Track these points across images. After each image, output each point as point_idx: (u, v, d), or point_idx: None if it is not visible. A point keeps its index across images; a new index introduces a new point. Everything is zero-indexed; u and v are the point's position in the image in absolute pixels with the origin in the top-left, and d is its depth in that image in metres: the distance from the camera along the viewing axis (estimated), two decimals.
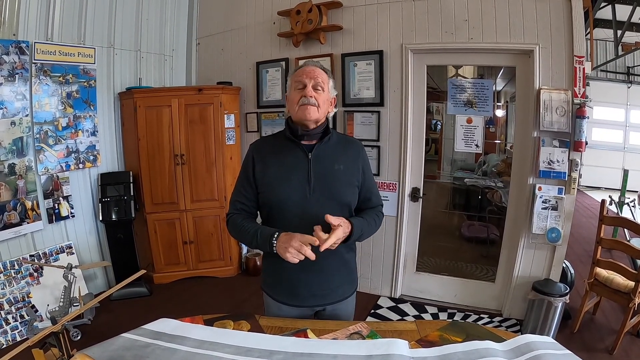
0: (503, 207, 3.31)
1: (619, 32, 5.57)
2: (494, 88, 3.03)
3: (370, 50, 3.22)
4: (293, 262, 1.27)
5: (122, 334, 1.21)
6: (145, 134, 3.47)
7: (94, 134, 3.37)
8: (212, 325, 1.33)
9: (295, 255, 1.26)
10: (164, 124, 3.48)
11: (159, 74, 3.96)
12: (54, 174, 3.11)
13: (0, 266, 2.75)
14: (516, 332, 1.78)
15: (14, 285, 2.79)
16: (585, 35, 3.13)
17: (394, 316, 3.15)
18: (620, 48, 5.92)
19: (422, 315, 3.16)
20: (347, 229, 1.35)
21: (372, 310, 3.21)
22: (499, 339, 1.25)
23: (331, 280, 1.50)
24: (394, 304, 3.31)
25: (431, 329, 1.35)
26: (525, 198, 2.88)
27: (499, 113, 3.48)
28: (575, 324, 2.82)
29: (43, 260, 2.99)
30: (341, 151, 1.49)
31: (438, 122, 3.83)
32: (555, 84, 2.72)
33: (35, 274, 2.91)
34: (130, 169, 3.61)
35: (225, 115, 3.63)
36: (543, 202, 2.79)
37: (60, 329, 1.05)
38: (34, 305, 2.82)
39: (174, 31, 4.06)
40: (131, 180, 3.48)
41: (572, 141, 2.70)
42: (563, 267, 2.94)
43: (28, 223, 2.93)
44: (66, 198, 3.20)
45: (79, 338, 2.72)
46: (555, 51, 2.69)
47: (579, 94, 2.67)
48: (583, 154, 2.75)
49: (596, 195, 7.81)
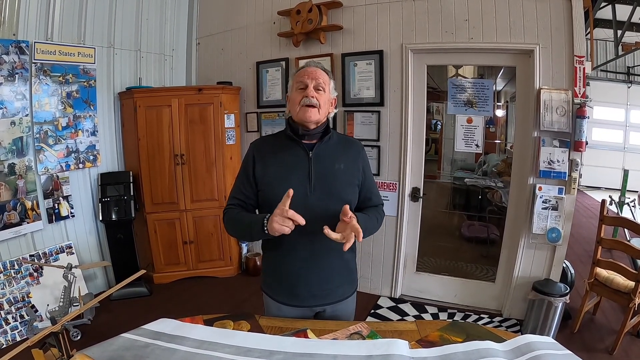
0: (503, 207, 3.30)
1: (619, 32, 5.57)
2: (494, 88, 3.03)
3: (371, 50, 3.22)
4: (285, 232, 1.24)
5: (122, 334, 1.21)
6: (145, 134, 3.46)
7: (93, 133, 3.37)
8: (212, 326, 1.32)
9: (282, 222, 1.23)
10: (164, 123, 3.48)
11: (159, 74, 3.96)
12: (54, 174, 3.11)
13: (0, 266, 2.75)
14: (516, 332, 1.78)
15: (13, 285, 2.79)
16: (586, 35, 3.13)
17: (394, 316, 3.14)
18: (620, 48, 5.92)
19: (422, 315, 3.16)
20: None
21: (372, 310, 3.21)
22: (499, 339, 1.24)
23: (331, 280, 1.50)
24: (394, 304, 3.31)
25: (431, 329, 1.35)
26: (526, 198, 2.88)
27: (499, 113, 3.48)
28: (575, 324, 2.82)
29: (43, 260, 2.99)
30: (341, 151, 1.50)
31: (438, 122, 3.83)
32: (555, 84, 2.72)
33: (35, 274, 2.91)
34: (130, 168, 3.61)
35: (225, 115, 3.63)
36: (543, 202, 2.79)
37: (60, 329, 1.04)
38: (33, 305, 2.82)
39: (174, 31, 4.06)
40: (131, 180, 3.48)
41: (573, 141, 2.70)
42: (563, 267, 2.94)
43: (28, 223, 2.93)
44: (66, 198, 3.19)
45: (79, 338, 2.72)
46: (556, 51, 2.69)
47: (579, 93, 2.67)
48: (583, 154, 2.74)
49: (596, 195, 7.81)
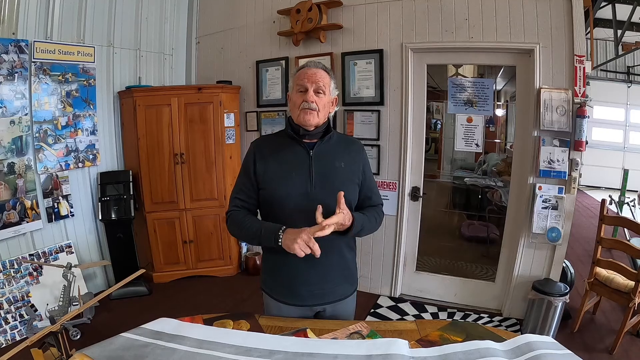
0: (503, 207, 3.30)
1: (619, 32, 5.56)
2: (494, 87, 3.03)
3: (371, 49, 3.22)
4: (299, 255, 1.26)
5: (122, 334, 1.21)
6: (145, 133, 3.46)
7: (93, 133, 3.37)
8: (212, 325, 1.32)
9: (303, 247, 1.26)
10: (164, 123, 3.48)
11: (158, 73, 3.96)
12: (54, 173, 3.10)
13: (0, 265, 2.75)
14: (516, 332, 1.78)
15: (13, 285, 2.78)
16: (586, 35, 3.13)
17: (394, 315, 3.14)
18: (620, 48, 5.92)
19: (422, 314, 3.16)
20: (349, 221, 1.35)
21: (372, 310, 3.21)
22: (499, 339, 1.24)
23: (331, 279, 1.50)
24: (394, 304, 3.31)
25: (431, 328, 1.35)
26: (526, 197, 2.88)
27: (499, 112, 3.48)
28: (575, 324, 2.82)
29: (42, 260, 2.99)
30: (342, 150, 1.51)
31: (438, 122, 3.83)
32: (555, 84, 2.72)
33: (34, 273, 2.91)
34: (130, 168, 3.60)
35: (225, 114, 3.62)
36: (543, 202, 2.78)
37: (59, 328, 1.04)
38: (33, 304, 2.82)
39: (174, 30, 4.06)
40: (131, 180, 3.48)
41: (573, 141, 2.70)
42: (563, 267, 2.94)
43: (27, 222, 2.92)
44: (66, 197, 3.19)
45: (78, 337, 2.71)
46: (556, 50, 2.69)
47: (580, 93, 2.66)
48: (583, 153, 2.74)
49: (596, 195, 7.81)
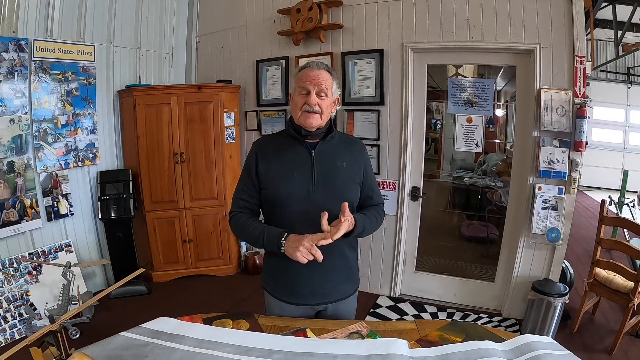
0: (503, 207, 3.30)
1: (620, 33, 5.56)
2: (494, 87, 3.03)
3: (371, 49, 3.21)
4: (302, 262, 1.28)
5: (121, 333, 1.21)
6: (145, 132, 3.46)
7: (93, 131, 3.37)
8: (211, 325, 1.32)
9: (306, 255, 1.28)
10: (164, 122, 3.48)
11: (158, 72, 3.95)
12: (53, 172, 3.10)
13: None
14: (515, 332, 1.78)
15: (12, 284, 2.78)
16: (586, 35, 3.13)
17: (393, 315, 3.14)
18: (620, 48, 5.91)
19: (422, 314, 3.16)
20: (352, 223, 1.36)
21: (371, 310, 3.21)
22: (498, 339, 1.24)
23: (333, 278, 1.51)
24: (393, 303, 3.31)
25: (431, 328, 1.35)
26: (525, 198, 2.88)
27: (499, 112, 3.48)
28: (574, 324, 2.82)
29: (42, 259, 2.98)
30: (344, 149, 1.51)
31: (438, 122, 3.82)
32: (555, 84, 2.72)
33: (34, 272, 2.91)
34: (130, 167, 3.60)
35: (225, 113, 3.62)
36: (543, 202, 2.78)
37: (59, 327, 1.04)
38: (32, 303, 2.82)
39: (174, 29, 4.05)
40: (130, 179, 3.48)
41: (573, 141, 2.70)
42: (562, 267, 2.94)
43: (27, 221, 2.92)
44: (65, 196, 3.19)
45: (78, 336, 2.71)
46: (556, 51, 2.69)
47: (580, 94, 2.66)
48: (583, 154, 2.74)
49: (596, 196, 7.82)
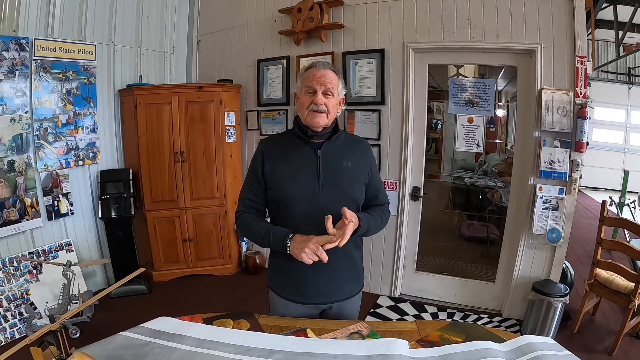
0: (503, 207, 3.30)
1: (621, 33, 5.56)
2: (495, 87, 3.03)
3: (372, 49, 3.21)
4: (307, 263, 1.30)
5: (121, 333, 1.20)
6: (146, 132, 3.46)
7: (93, 131, 3.36)
8: (212, 324, 1.32)
9: (311, 256, 1.29)
10: (164, 121, 3.47)
11: (159, 71, 3.95)
12: (54, 171, 3.10)
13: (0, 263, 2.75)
14: (516, 333, 1.77)
15: (12, 283, 2.78)
16: (587, 36, 3.12)
17: (394, 315, 3.14)
18: (621, 49, 5.91)
19: (422, 314, 3.16)
20: (357, 224, 1.36)
21: (372, 310, 3.20)
22: (499, 340, 1.24)
23: (338, 278, 1.51)
24: (394, 304, 3.31)
25: (431, 329, 1.35)
26: (526, 198, 2.88)
27: (500, 113, 3.48)
28: (574, 325, 2.82)
29: (42, 258, 2.98)
30: (349, 149, 1.52)
31: (439, 122, 3.82)
32: (556, 84, 2.71)
33: (34, 271, 2.91)
34: (130, 166, 3.60)
35: (225, 113, 3.62)
36: (544, 203, 2.78)
37: (59, 327, 1.04)
38: (32, 302, 2.82)
39: (175, 28, 4.05)
40: (131, 178, 3.48)
41: (574, 141, 2.70)
42: (563, 268, 2.94)
43: (27, 220, 2.92)
44: (66, 195, 3.19)
45: (78, 336, 2.71)
46: (557, 51, 2.69)
47: (581, 94, 2.66)
48: (584, 154, 2.74)
49: (596, 196, 7.81)
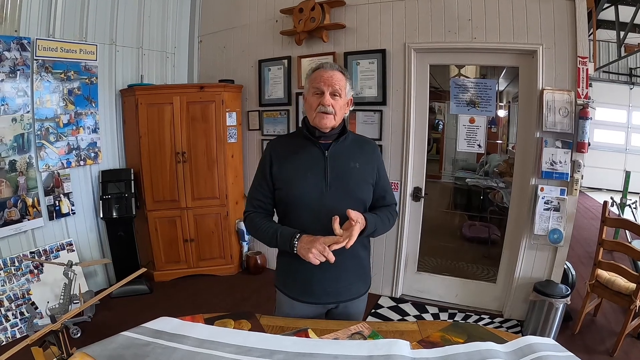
0: (504, 208, 3.30)
1: (622, 33, 5.55)
2: (496, 88, 3.02)
3: (373, 49, 3.21)
4: (314, 264, 1.31)
5: (122, 333, 1.21)
6: (147, 132, 3.46)
7: (95, 131, 3.37)
8: (213, 324, 1.32)
9: (318, 256, 1.31)
10: (166, 121, 3.48)
11: (160, 72, 3.96)
12: (55, 171, 3.10)
13: (1, 263, 2.75)
14: (517, 334, 1.77)
15: (14, 282, 2.79)
16: (588, 36, 3.12)
17: (395, 316, 3.14)
18: (623, 49, 5.90)
19: (423, 315, 3.16)
20: (363, 224, 1.37)
21: (373, 310, 3.20)
22: (500, 340, 1.24)
23: (345, 278, 1.52)
24: (395, 304, 3.31)
25: (433, 329, 1.35)
26: (527, 199, 2.87)
27: (502, 113, 3.48)
28: (576, 326, 2.81)
29: (43, 257, 2.99)
30: (357, 150, 1.53)
31: (440, 122, 3.82)
32: (558, 85, 2.71)
33: (35, 271, 2.91)
34: (132, 166, 3.60)
35: (227, 113, 3.62)
36: (545, 203, 2.78)
37: (60, 327, 1.04)
38: (34, 302, 2.82)
39: (176, 28, 4.05)
40: (132, 178, 3.48)
41: (575, 142, 2.69)
42: (564, 269, 2.93)
43: (28, 220, 2.92)
44: (67, 195, 3.19)
45: (79, 335, 2.72)
46: (559, 52, 2.69)
47: (582, 94, 2.66)
48: (585, 155, 2.74)
49: (597, 197, 7.80)
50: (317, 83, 1.43)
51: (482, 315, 3.12)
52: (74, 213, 3.25)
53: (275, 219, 1.56)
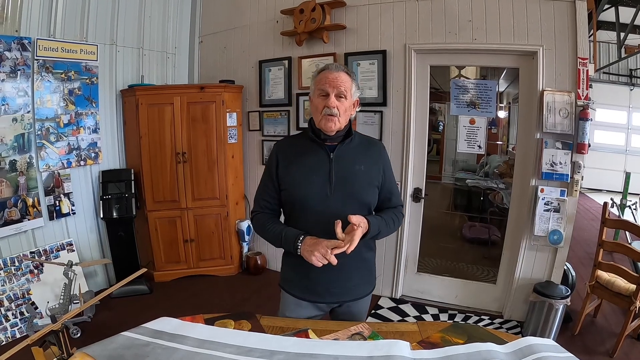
0: (505, 209, 3.30)
1: (622, 35, 5.56)
2: (497, 89, 3.03)
3: (374, 50, 3.21)
4: (317, 266, 1.33)
5: (122, 333, 1.21)
6: (147, 132, 3.46)
7: (95, 131, 3.37)
8: (213, 325, 1.32)
9: (321, 259, 1.32)
10: (166, 121, 3.48)
11: (161, 72, 3.96)
12: (55, 171, 3.10)
13: (1, 263, 2.75)
14: (517, 334, 1.77)
15: (14, 282, 2.79)
16: (589, 37, 3.12)
17: (395, 317, 3.14)
18: (623, 50, 5.91)
19: (423, 316, 3.16)
20: (365, 228, 1.37)
21: (373, 311, 3.20)
22: (500, 341, 1.24)
23: (350, 278, 1.53)
24: (395, 305, 3.31)
25: (433, 330, 1.35)
26: (528, 200, 2.87)
27: (502, 114, 3.47)
28: (576, 327, 2.81)
29: (43, 257, 2.99)
30: (362, 152, 1.53)
31: (440, 123, 3.82)
32: (558, 86, 2.71)
33: (35, 271, 2.91)
34: (132, 166, 3.60)
35: (227, 113, 3.62)
36: (545, 204, 2.78)
37: (60, 327, 1.04)
38: (34, 302, 2.82)
39: (177, 29, 4.06)
40: (132, 178, 3.48)
41: (575, 143, 2.70)
42: (564, 269, 2.93)
43: (29, 220, 2.93)
44: (67, 195, 3.19)
45: (79, 335, 2.72)
46: (559, 53, 2.69)
47: (582, 96, 2.66)
48: (585, 156, 2.74)
49: (597, 198, 7.80)
50: (323, 84, 1.43)
51: (482, 316, 3.11)
52: (74, 213, 3.25)
53: (282, 218, 1.58)
